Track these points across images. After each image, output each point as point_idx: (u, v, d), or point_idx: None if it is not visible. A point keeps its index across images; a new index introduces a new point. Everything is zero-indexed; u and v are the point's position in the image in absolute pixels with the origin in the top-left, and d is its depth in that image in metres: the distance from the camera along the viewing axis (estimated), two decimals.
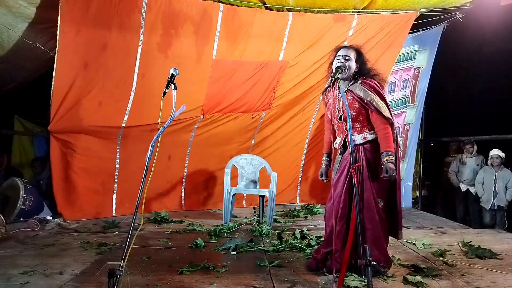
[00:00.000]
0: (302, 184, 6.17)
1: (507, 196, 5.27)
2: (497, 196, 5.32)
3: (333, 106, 2.90)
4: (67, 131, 4.57)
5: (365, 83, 2.82)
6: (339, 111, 2.86)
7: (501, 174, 5.34)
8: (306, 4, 4.71)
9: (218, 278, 2.78)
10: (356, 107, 2.81)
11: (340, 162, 2.96)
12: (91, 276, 2.79)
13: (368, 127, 2.84)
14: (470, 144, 5.84)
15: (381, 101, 2.76)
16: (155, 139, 2.07)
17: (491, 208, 5.38)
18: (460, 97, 8.50)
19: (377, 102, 2.74)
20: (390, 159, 2.68)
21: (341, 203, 2.79)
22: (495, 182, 5.34)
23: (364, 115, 2.83)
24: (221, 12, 4.53)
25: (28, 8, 3.96)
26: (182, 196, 5.58)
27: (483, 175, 5.51)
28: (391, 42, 5.19)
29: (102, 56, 4.35)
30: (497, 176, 5.35)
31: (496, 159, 5.36)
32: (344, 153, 2.93)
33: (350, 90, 2.84)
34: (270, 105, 5.34)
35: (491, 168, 5.43)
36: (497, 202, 5.33)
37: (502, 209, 5.35)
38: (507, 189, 5.29)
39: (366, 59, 2.94)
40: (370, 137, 2.83)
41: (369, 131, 2.84)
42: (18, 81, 5.68)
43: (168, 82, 2.19)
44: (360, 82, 2.82)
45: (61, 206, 4.67)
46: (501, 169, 5.38)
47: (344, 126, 2.84)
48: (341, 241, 2.74)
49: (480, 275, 2.91)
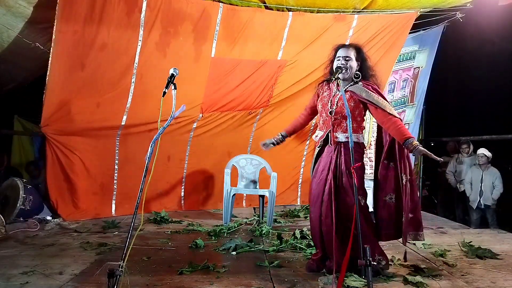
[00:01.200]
0: (303, 185, 6.16)
1: (493, 195, 5.27)
2: (483, 195, 5.32)
3: (327, 99, 2.88)
4: (64, 133, 4.56)
5: (368, 85, 2.82)
6: (332, 106, 2.84)
7: (487, 173, 5.35)
8: (306, 4, 4.71)
9: (218, 278, 2.78)
10: (350, 106, 2.79)
11: (318, 161, 2.94)
12: (91, 276, 2.78)
13: (354, 129, 2.81)
14: (466, 144, 5.84)
15: (384, 101, 2.76)
16: (155, 139, 2.06)
17: (478, 207, 5.38)
18: (460, 97, 8.50)
19: (380, 102, 2.74)
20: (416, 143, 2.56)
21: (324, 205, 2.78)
22: (481, 181, 5.34)
23: (354, 117, 2.81)
24: (221, 12, 4.53)
25: (27, 8, 3.96)
26: (182, 196, 5.58)
27: (471, 174, 5.53)
28: (391, 42, 5.20)
29: (99, 56, 4.34)
30: (483, 175, 5.36)
31: (482, 157, 5.36)
32: (323, 152, 2.91)
33: (350, 90, 2.84)
34: (267, 102, 5.35)
35: (478, 167, 5.45)
36: (484, 201, 5.33)
37: (490, 208, 5.34)
38: (494, 188, 5.29)
39: (366, 56, 2.92)
40: (354, 138, 2.78)
41: (354, 133, 2.80)
42: (18, 81, 5.68)
43: (168, 82, 2.19)
44: (362, 84, 2.81)
45: (60, 208, 4.66)
46: (487, 168, 5.38)
47: (331, 121, 2.83)
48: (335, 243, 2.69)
49: (480, 275, 2.90)
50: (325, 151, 2.91)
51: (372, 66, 2.96)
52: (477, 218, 5.44)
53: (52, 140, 4.55)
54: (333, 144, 2.85)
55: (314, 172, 2.97)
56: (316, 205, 2.87)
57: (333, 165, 2.81)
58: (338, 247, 2.68)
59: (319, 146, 2.97)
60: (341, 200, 2.75)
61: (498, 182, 5.29)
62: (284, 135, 3.20)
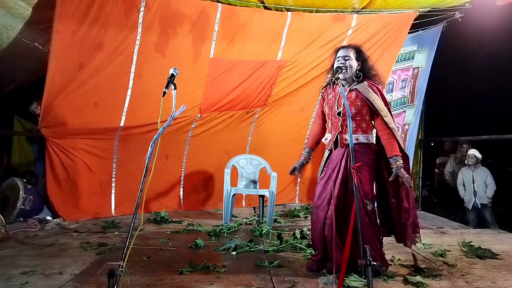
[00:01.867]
0: (301, 184, 6.17)
1: (487, 193, 5.31)
2: (477, 195, 5.36)
3: (333, 101, 2.88)
4: (62, 133, 4.55)
5: (373, 85, 2.82)
6: (339, 107, 2.84)
7: (478, 173, 5.39)
8: (305, 4, 4.71)
9: (218, 278, 2.78)
10: (358, 105, 2.80)
11: (327, 161, 2.92)
12: (91, 276, 2.79)
13: (363, 129, 2.81)
14: (466, 143, 5.85)
15: (384, 106, 2.77)
16: (155, 139, 2.06)
17: (474, 207, 5.41)
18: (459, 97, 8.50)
19: (382, 109, 2.75)
20: (400, 163, 2.69)
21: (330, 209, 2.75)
22: (473, 182, 5.39)
23: (362, 116, 2.81)
24: (219, 12, 4.53)
25: (27, 9, 3.95)
26: (181, 196, 5.58)
27: (462, 176, 5.56)
28: (390, 42, 5.20)
29: (97, 57, 4.33)
30: (474, 175, 5.40)
31: (472, 158, 5.41)
32: (333, 153, 2.89)
33: (356, 89, 2.83)
34: (266, 101, 5.36)
35: (468, 168, 5.49)
36: (479, 200, 5.36)
37: (486, 207, 5.36)
38: (487, 187, 5.33)
39: (367, 56, 2.93)
40: (363, 139, 2.80)
41: (363, 133, 2.81)
42: (18, 81, 5.68)
43: (168, 82, 2.19)
44: (368, 84, 2.81)
45: (60, 208, 4.65)
46: (477, 168, 5.42)
47: (339, 123, 2.82)
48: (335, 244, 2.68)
49: (480, 275, 2.91)
50: (334, 154, 2.88)
51: (374, 66, 2.96)
52: (474, 218, 5.47)
53: (51, 140, 4.55)
54: (342, 146, 2.83)
55: (321, 174, 2.94)
56: (320, 208, 2.85)
57: (342, 169, 2.78)
58: (340, 250, 2.65)
59: (329, 149, 2.94)
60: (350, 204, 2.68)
61: (490, 180, 5.33)
62: (309, 151, 3.12)
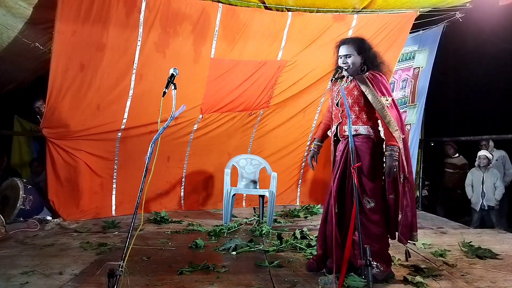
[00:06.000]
0: (302, 185, 6.16)
1: (496, 196, 5.30)
2: (485, 196, 5.34)
3: (336, 93, 2.87)
4: (63, 134, 4.55)
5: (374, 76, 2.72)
6: (337, 97, 2.84)
7: (488, 175, 5.38)
8: (306, 4, 4.71)
9: (218, 278, 2.78)
10: (354, 95, 2.74)
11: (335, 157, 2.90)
12: (91, 276, 2.79)
13: (363, 120, 2.73)
14: (485, 140, 5.76)
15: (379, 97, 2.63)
16: (155, 139, 2.06)
17: (481, 208, 5.39)
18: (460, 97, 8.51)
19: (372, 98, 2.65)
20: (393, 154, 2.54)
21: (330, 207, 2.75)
22: (482, 183, 5.36)
23: (361, 106, 2.72)
24: (220, 12, 4.53)
25: (27, 9, 3.95)
26: (181, 196, 5.57)
27: (471, 177, 5.54)
28: (391, 42, 5.19)
29: (99, 57, 4.33)
30: (484, 177, 5.38)
31: (484, 159, 5.38)
32: (337, 146, 2.87)
33: (355, 78, 2.78)
34: (268, 103, 5.35)
35: (479, 169, 5.46)
36: (486, 202, 5.35)
37: (494, 209, 5.36)
38: (496, 189, 5.31)
39: (370, 46, 2.84)
40: (363, 130, 2.72)
41: (363, 124, 2.72)
42: (18, 81, 5.68)
43: (168, 82, 2.19)
44: (369, 74, 2.73)
45: (60, 207, 4.65)
46: (487, 170, 5.41)
47: (339, 114, 2.80)
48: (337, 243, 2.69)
49: (480, 275, 2.90)
50: (338, 149, 2.85)
51: (379, 54, 2.87)
52: (478, 220, 5.45)
53: (52, 141, 4.55)
54: (342, 137, 2.80)
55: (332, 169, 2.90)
56: (324, 204, 2.86)
57: (342, 163, 2.74)
58: (340, 248, 2.65)
59: (332, 142, 2.92)
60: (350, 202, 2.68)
61: (500, 183, 5.31)
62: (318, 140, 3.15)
